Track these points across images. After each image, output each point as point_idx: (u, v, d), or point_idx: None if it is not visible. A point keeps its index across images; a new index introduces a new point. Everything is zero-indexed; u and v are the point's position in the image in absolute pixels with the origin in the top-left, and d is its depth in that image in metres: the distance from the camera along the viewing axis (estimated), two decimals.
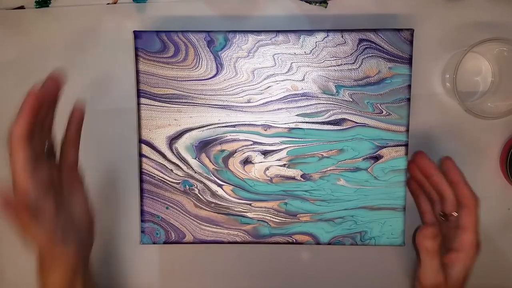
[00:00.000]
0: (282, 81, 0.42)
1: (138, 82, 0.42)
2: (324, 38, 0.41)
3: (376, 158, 0.42)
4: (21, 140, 0.33)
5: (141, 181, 0.43)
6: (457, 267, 0.39)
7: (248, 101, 0.42)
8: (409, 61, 0.41)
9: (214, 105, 0.42)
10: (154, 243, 0.43)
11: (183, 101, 0.42)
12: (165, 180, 0.43)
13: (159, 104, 0.42)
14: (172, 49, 0.41)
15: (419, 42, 0.45)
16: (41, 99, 0.34)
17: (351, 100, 0.42)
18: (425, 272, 0.39)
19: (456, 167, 0.41)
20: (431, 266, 0.39)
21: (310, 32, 0.41)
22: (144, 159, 0.42)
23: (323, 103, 0.42)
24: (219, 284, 0.50)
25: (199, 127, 0.42)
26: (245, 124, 0.42)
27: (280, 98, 0.42)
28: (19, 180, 0.33)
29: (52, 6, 0.48)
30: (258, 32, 0.41)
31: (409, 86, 0.42)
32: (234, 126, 0.42)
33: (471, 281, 0.49)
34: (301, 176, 0.43)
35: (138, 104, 0.42)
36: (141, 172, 0.43)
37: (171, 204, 0.43)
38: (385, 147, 0.42)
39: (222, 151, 0.42)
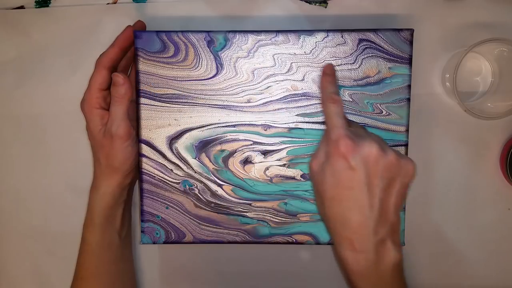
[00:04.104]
0: (282, 81, 0.42)
1: (138, 82, 0.42)
2: (324, 38, 0.41)
3: None
4: (103, 68, 0.41)
5: (141, 181, 0.43)
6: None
7: (248, 101, 0.42)
8: (409, 61, 0.41)
9: (214, 105, 0.42)
10: (154, 243, 0.43)
11: (183, 101, 0.42)
12: (165, 180, 0.43)
13: (159, 104, 0.42)
14: (172, 49, 0.41)
15: (419, 42, 0.45)
16: (130, 38, 0.42)
17: (351, 100, 0.42)
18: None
19: (326, 68, 0.41)
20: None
21: (310, 32, 0.41)
22: (144, 159, 0.42)
23: None
24: (219, 284, 0.50)
25: (199, 127, 0.42)
26: (245, 124, 0.42)
27: (280, 98, 0.42)
28: (89, 91, 0.41)
29: (52, 6, 0.48)
30: (258, 32, 0.41)
31: (409, 86, 0.42)
32: (234, 126, 0.42)
33: (471, 281, 0.49)
34: (301, 176, 0.43)
35: (138, 104, 0.42)
36: (141, 172, 0.43)
37: (171, 204, 0.43)
38: None
39: (222, 151, 0.42)
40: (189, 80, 0.42)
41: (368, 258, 0.35)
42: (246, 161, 0.42)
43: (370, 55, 0.41)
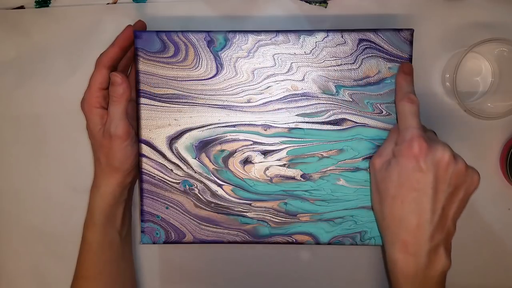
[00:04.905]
0: (282, 81, 0.42)
1: (138, 82, 0.42)
2: (324, 38, 0.41)
3: None
4: (103, 67, 0.41)
5: (141, 181, 0.43)
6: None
7: (248, 101, 0.42)
8: (409, 61, 0.41)
9: (214, 105, 0.42)
10: (154, 243, 0.43)
11: (183, 101, 0.42)
12: (165, 180, 0.43)
13: (159, 104, 0.42)
14: (172, 49, 0.41)
15: (419, 42, 0.45)
16: (131, 38, 0.42)
17: (351, 100, 0.42)
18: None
19: (405, 67, 0.40)
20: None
21: (310, 32, 0.41)
22: (144, 159, 0.42)
23: (323, 103, 0.42)
24: (219, 284, 0.50)
25: (199, 127, 0.42)
26: (245, 124, 0.42)
27: (280, 98, 0.42)
28: (89, 91, 0.41)
29: (52, 6, 0.48)
30: (258, 32, 0.41)
31: None
32: (234, 126, 0.42)
33: (471, 281, 0.49)
34: (301, 176, 0.43)
35: (138, 104, 0.42)
36: (141, 172, 0.43)
37: (171, 204, 0.43)
38: None
39: (222, 151, 0.42)
40: (189, 80, 0.42)
41: (419, 262, 0.35)
42: (246, 161, 0.42)
43: (370, 55, 0.41)
